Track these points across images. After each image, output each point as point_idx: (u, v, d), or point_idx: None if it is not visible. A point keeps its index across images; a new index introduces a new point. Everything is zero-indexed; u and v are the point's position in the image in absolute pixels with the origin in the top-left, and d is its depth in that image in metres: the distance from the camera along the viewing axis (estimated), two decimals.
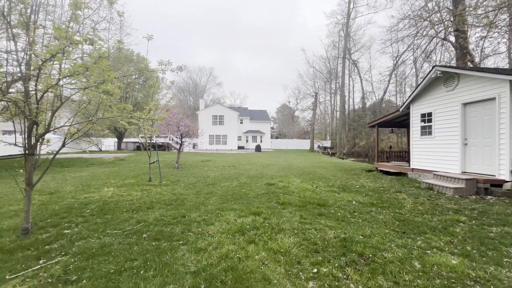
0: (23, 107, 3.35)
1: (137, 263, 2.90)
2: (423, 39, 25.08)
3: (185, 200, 5.93)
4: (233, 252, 3.16)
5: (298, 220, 4.43)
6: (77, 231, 3.94)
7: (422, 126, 9.43)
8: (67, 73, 2.99)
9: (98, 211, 5.03)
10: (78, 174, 10.86)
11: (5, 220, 4.49)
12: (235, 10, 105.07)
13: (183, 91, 67.35)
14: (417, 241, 3.57)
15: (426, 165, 9.14)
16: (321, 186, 7.95)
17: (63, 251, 3.22)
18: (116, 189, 7.31)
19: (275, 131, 68.57)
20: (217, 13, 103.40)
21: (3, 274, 2.67)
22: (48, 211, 4.97)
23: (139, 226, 4.13)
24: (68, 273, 2.70)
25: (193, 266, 2.84)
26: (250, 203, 5.62)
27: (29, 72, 3.21)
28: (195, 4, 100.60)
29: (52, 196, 6.38)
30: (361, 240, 3.57)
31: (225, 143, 38.52)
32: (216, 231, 3.90)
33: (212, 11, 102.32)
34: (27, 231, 3.69)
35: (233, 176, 9.90)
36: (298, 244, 3.42)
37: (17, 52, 3.29)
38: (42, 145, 3.89)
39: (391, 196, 6.52)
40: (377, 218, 4.66)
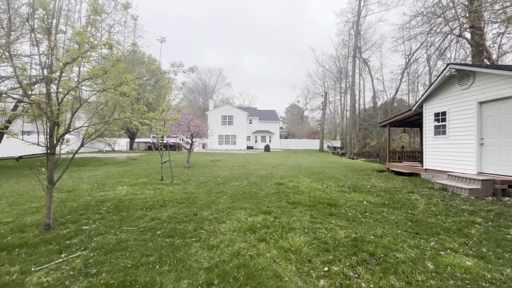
0: (45, 108, 3.53)
1: (153, 259, 3.01)
2: (436, 36, 24.44)
3: (196, 199, 6.05)
4: (244, 249, 3.22)
5: (309, 220, 4.44)
6: (94, 227, 4.11)
7: (435, 126, 9.22)
8: (87, 76, 3.14)
9: (113, 208, 5.21)
10: (93, 173, 11.22)
11: (28, 216, 4.73)
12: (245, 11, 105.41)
13: (193, 92, 68.19)
14: (430, 242, 3.53)
15: (440, 165, 8.93)
16: (331, 186, 7.91)
17: (82, 246, 3.37)
18: (129, 187, 7.52)
19: (284, 131, 68.36)
20: (227, 14, 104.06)
21: (29, 266, 2.83)
22: (67, 208, 5.19)
23: (153, 223, 4.26)
24: (88, 266, 2.83)
25: (206, 262, 2.92)
26: (260, 203, 5.67)
27: (50, 75, 3.38)
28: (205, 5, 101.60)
29: (70, 194, 6.64)
30: (373, 240, 3.55)
31: (234, 143, 38.73)
32: (228, 229, 3.97)
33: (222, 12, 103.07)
34: (49, 226, 3.88)
35: (242, 176, 9.98)
36: (308, 243, 3.44)
37: (40, 56, 3.46)
38: (62, 145, 4.09)
39: (403, 197, 6.42)
40: (388, 218, 4.62)
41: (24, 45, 11.57)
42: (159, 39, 5.03)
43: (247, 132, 41.77)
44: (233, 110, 40.17)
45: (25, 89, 3.39)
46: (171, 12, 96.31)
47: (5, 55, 3.62)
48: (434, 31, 23.03)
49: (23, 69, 3.63)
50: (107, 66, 3.10)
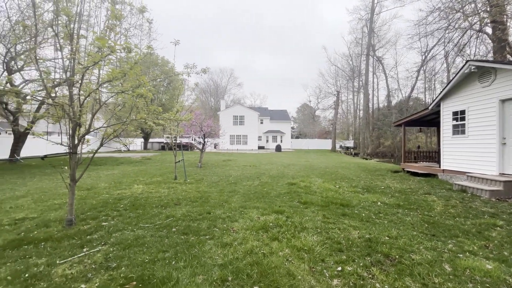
0: (68, 110, 3.71)
1: (169, 254, 3.10)
2: (455, 32, 23.56)
3: (209, 198, 6.15)
4: (257, 248, 3.26)
5: (321, 220, 4.43)
6: (113, 223, 4.27)
7: (454, 125, 8.90)
8: (106, 78, 3.29)
9: (130, 206, 5.39)
10: (110, 172, 11.61)
11: (51, 212, 4.98)
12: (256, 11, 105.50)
13: (205, 93, 69.03)
14: (448, 244, 3.44)
15: (458, 166, 8.62)
16: (344, 186, 7.81)
17: (102, 241, 3.52)
18: (145, 186, 7.75)
19: (296, 131, 67.92)
20: (238, 14, 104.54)
21: (54, 259, 3.00)
22: (87, 205, 5.42)
23: (168, 220, 4.38)
24: (109, 260, 2.97)
25: (220, 259, 2.98)
26: (272, 202, 5.70)
27: (73, 78, 3.56)
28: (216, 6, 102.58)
29: (89, 192, 6.92)
30: (387, 241, 3.50)
31: (246, 143, 38.90)
32: (240, 227, 4.03)
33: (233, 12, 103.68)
34: (71, 222, 4.08)
35: (254, 176, 10.03)
36: (321, 242, 3.44)
37: (63, 60, 3.65)
38: (83, 145, 4.28)
39: (419, 198, 6.26)
40: (404, 219, 4.52)
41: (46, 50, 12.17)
42: (173, 42, 5.16)
43: (258, 132, 41.83)
44: (244, 110, 40.35)
45: (49, 92, 3.59)
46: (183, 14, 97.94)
47: (31, 58, 3.83)
48: (453, 27, 22.21)
49: (48, 72, 3.84)
50: (125, 69, 3.23)
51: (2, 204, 5.61)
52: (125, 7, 4.54)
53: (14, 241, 3.51)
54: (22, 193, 6.77)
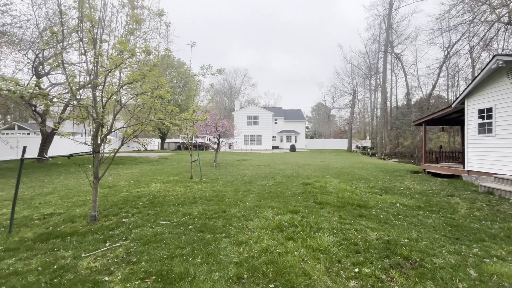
0: (92, 111, 3.90)
1: (186, 251, 3.18)
2: (481, 26, 22.35)
3: (224, 197, 6.23)
4: (272, 247, 3.26)
5: (337, 220, 4.36)
6: (133, 220, 4.44)
7: (480, 124, 8.43)
8: (127, 80, 3.43)
9: (149, 203, 5.57)
10: (130, 171, 12.05)
11: (76, 208, 5.26)
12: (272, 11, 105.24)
13: (219, 93, 69.84)
14: (473, 248, 3.27)
15: (484, 166, 8.15)
16: (361, 187, 7.63)
17: (123, 237, 3.67)
18: (162, 184, 7.97)
19: (310, 130, 67.10)
20: (254, 14, 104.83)
21: (80, 252, 3.16)
22: (108, 202, 5.67)
23: (185, 218, 4.49)
24: (130, 255, 3.09)
25: (235, 257, 3.02)
26: (287, 202, 5.68)
27: (96, 81, 3.74)
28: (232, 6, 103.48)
29: (110, 190, 7.22)
30: (407, 243, 3.39)
31: (260, 143, 38.94)
32: (255, 226, 4.05)
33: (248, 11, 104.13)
34: (94, 218, 4.28)
35: (269, 175, 10.03)
36: (337, 243, 3.39)
37: (87, 64, 3.84)
38: (105, 144, 4.48)
39: (441, 200, 6.00)
40: (425, 222, 4.35)
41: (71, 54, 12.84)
42: (190, 44, 5.27)
43: (273, 132, 41.73)
44: (259, 110, 40.40)
45: (74, 94, 3.79)
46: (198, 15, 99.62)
47: (58, 63, 4.06)
48: (478, 20, 21.06)
49: (73, 76, 4.05)
50: (145, 71, 3.36)
51: (32, 200, 5.99)
52: (143, 11, 4.71)
53: (43, 235, 3.73)
54: (49, 190, 7.19)
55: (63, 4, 5.09)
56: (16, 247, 3.33)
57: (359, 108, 53.97)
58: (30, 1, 11.98)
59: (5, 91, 3.22)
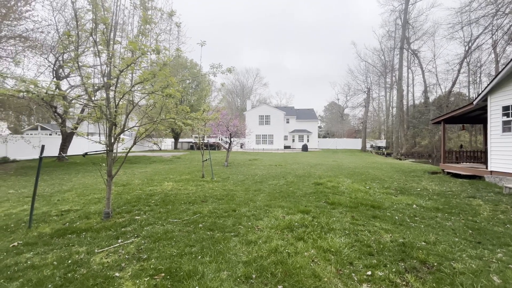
0: (105, 110, 4.00)
1: (195, 249, 3.19)
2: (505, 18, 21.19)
3: (234, 196, 6.23)
4: (282, 247, 3.21)
5: (350, 221, 4.24)
6: (145, 217, 4.52)
7: (504, 121, 7.96)
8: (138, 80, 3.49)
9: (160, 202, 5.66)
10: (144, 170, 12.34)
11: (92, 205, 5.42)
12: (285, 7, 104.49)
13: (231, 93, 70.25)
14: (497, 253, 3.07)
15: (510, 167, 7.69)
16: (375, 187, 7.40)
17: (135, 234, 3.74)
18: (174, 183, 8.09)
19: (323, 130, 66.13)
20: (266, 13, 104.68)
21: (93, 248, 3.25)
22: (122, 200, 5.81)
23: (195, 217, 4.52)
24: (140, 252, 3.14)
25: (244, 256, 2.99)
26: (298, 202, 5.60)
27: (110, 81, 3.83)
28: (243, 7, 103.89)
29: (124, 188, 7.41)
30: (424, 246, 3.23)
31: (272, 143, 38.80)
32: (265, 226, 4.01)
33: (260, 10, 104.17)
34: (108, 215, 4.39)
35: (280, 175, 9.95)
36: (349, 245, 3.28)
37: (101, 66, 3.94)
38: (118, 143, 4.59)
39: (461, 202, 5.70)
40: (443, 224, 4.14)
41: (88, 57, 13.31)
42: (200, 43, 5.28)
43: (284, 131, 41.45)
44: (270, 109, 40.25)
45: (89, 94, 3.89)
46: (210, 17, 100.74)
47: (75, 66, 4.19)
48: (502, 12, 19.95)
49: (88, 77, 4.17)
50: (155, 70, 3.40)
51: (51, 197, 6.24)
52: (156, 13, 4.78)
53: (60, 230, 3.87)
54: (68, 188, 7.47)
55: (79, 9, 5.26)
56: (34, 241, 3.47)
57: (374, 107, 52.60)
58: (51, 7, 12.54)
59: (24, 92, 3.36)
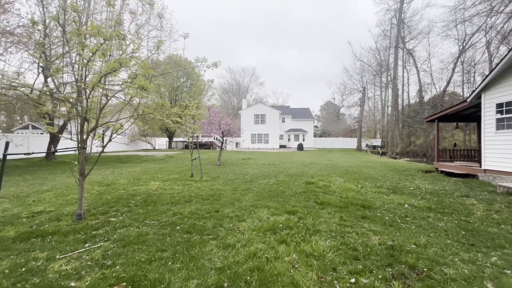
0: (76, 104, 3.71)
1: (167, 254, 2.93)
2: (498, 17, 21.20)
3: (221, 196, 5.97)
4: (261, 251, 2.96)
5: (337, 222, 4.01)
6: (121, 219, 4.24)
7: (498, 119, 7.82)
8: (107, 70, 3.21)
9: (142, 202, 5.38)
10: (133, 169, 12.00)
11: (68, 206, 5.12)
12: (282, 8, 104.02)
13: (227, 92, 69.85)
14: (491, 256, 2.86)
15: (504, 165, 7.55)
16: (367, 186, 7.20)
17: (106, 237, 3.46)
18: (161, 183, 7.80)
19: (319, 129, 66.11)
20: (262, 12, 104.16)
21: (55, 253, 2.96)
22: (101, 200, 5.52)
23: (174, 218, 4.25)
24: (106, 258, 2.86)
25: (219, 262, 2.73)
26: (286, 202, 5.36)
27: (80, 72, 3.54)
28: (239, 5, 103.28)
29: (108, 188, 7.10)
30: (413, 249, 3.01)
31: (267, 142, 38.56)
32: (247, 228, 3.76)
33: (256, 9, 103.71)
34: (80, 216, 4.11)
35: (271, 174, 9.71)
36: (335, 248, 3.05)
37: (71, 55, 3.65)
38: (93, 140, 4.29)
39: (454, 201, 5.52)
40: (435, 225, 3.94)
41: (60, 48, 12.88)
42: (183, 35, 5.02)
43: (280, 130, 41.24)
44: (266, 108, 39.98)
45: (58, 87, 3.60)
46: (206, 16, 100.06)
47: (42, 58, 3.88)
48: (496, 11, 19.95)
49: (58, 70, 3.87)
50: (122, 59, 3.13)
51: (27, 198, 5.91)
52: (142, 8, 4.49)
53: (25, 234, 3.58)
54: (48, 188, 7.14)
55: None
56: None
57: (369, 106, 52.63)
58: None
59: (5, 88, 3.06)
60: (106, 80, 3.64)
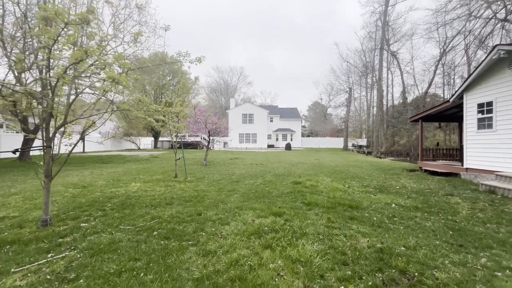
0: (40, 98, 3.33)
1: (140, 264, 2.65)
2: (476, 22, 22.03)
3: (205, 197, 5.70)
4: (244, 258, 2.74)
5: (325, 224, 3.85)
6: (93, 224, 3.89)
7: (479, 118, 8.00)
8: (73, 60, 2.88)
9: (119, 205, 5.02)
10: (114, 169, 11.44)
11: (36, 211, 4.69)
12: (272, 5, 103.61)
13: (215, 92, 69.08)
14: (480, 258, 2.78)
15: (485, 164, 7.73)
16: (354, 186, 7.15)
17: (73, 246, 3.12)
18: (142, 184, 7.41)
19: (307, 129, 66.70)
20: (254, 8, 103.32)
21: (10, 266, 2.61)
22: (74, 204, 5.10)
23: (152, 222, 3.95)
24: (69, 270, 2.54)
25: (197, 271, 2.49)
26: (273, 203, 5.17)
27: (42, 62, 3.17)
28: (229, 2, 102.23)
29: (83, 190, 6.64)
30: (403, 252, 2.89)
31: (255, 142, 38.37)
32: (231, 232, 3.53)
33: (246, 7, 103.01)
34: (46, 223, 3.73)
35: (258, 174, 9.52)
36: (322, 252, 2.88)
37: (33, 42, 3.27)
38: (62, 138, 3.92)
39: (440, 200, 5.53)
40: (423, 225, 3.87)
41: None
42: (163, 27, 4.73)
43: (268, 130, 41.17)
44: (254, 108, 39.76)
45: (17, 78, 3.22)
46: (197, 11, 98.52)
47: None
48: (474, 16, 20.73)
49: (20, 59, 3.48)
50: (88, 48, 2.80)
51: None
52: None
53: None
54: (16, 190, 6.58)
55: None
56: None
57: (355, 107, 53.61)
58: None
59: None
60: (77, 73, 3.28)
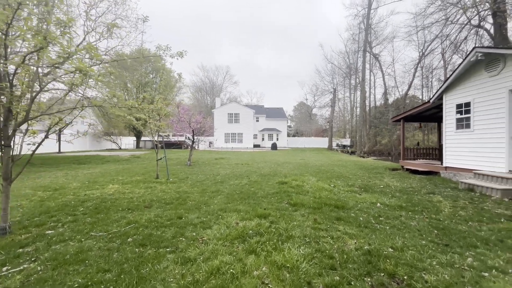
0: None
1: (109, 276, 2.38)
2: (452, 28, 22.99)
3: (187, 199, 5.43)
4: (227, 265, 2.55)
5: (311, 225, 3.73)
6: (61, 231, 3.54)
7: (458, 119, 8.26)
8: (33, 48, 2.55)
9: (92, 209, 4.65)
10: (91, 170, 10.82)
11: None
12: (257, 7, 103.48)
13: (200, 91, 67.98)
14: (467, 258, 2.75)
15: (463, 163, 7.99)
16: (339, 185, 7.13)
17: (34, 256, 2.79)
18: (120, 186, 7.00)
19: (292, 129, 67.25)
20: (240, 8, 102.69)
21: None
22: (41, 209, 4.67)
23: (128, 228, 3.65)
24: (26, 285, 2.23)
25: (174, 283, 2.27)
26: (258, 204, 4.99)
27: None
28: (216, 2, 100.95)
29: (54, 193, 6.16)
30: (391, 254, 2.81)
31: (241, 141, 38.10)
32: (212, 236, 3.31)
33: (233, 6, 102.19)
34: (4, 231, 3.34)
35: (244, 174, 9.32)
36: (309, 256, 2.74)
37: None
38: (25, 137, 3.53)
39: (423, 198, 5.60)
40: (408, 224, 3.85)
41: None
42: (141, 18, 4.42)
43: (254, 130, 41.03)
44: (240, 108, 39.47)
45: None
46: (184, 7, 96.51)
47: None
48: (450, 22, 21.65)
49: None
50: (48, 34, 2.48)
51: None
52: None
53: None
54: None
55: None
56: None
57: (340, 107, 54.74)
58: None
59: None
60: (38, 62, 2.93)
